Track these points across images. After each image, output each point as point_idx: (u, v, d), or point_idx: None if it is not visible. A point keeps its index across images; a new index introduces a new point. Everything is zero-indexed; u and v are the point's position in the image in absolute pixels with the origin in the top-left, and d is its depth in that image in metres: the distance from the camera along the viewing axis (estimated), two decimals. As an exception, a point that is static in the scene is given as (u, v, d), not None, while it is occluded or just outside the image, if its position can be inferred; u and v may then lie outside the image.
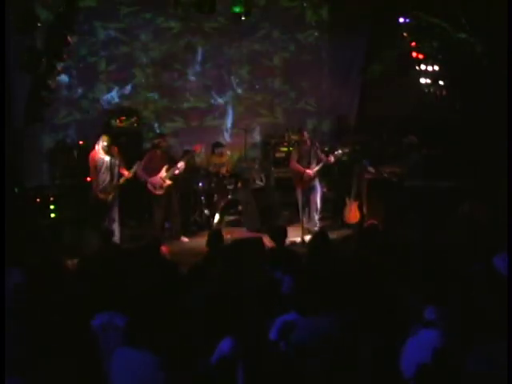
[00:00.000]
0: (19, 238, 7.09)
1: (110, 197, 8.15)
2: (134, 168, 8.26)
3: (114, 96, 10.15)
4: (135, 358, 3.41)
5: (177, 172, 8.58)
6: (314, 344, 3.63)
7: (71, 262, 6.06)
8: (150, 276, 5.03)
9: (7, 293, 4.16)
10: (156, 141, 8.78)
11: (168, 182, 8.53)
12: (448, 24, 8.22)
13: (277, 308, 4.19)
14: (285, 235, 6.10)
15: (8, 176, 7.58)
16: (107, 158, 8.09)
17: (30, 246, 7.20)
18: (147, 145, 10.03)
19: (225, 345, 3.57)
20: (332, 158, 8.78)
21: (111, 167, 8.11)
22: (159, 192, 8.52)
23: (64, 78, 9.42)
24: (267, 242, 6.12)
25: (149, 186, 8.52)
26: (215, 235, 6.02)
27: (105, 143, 8.04)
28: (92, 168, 8.12)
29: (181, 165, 8.58)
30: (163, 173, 8.50)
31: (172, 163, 8.61)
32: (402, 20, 8.96)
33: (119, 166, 8.21)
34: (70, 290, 4.68)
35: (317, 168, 8.75)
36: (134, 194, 8.75)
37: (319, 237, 6.09)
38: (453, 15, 8.13)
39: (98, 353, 3.86)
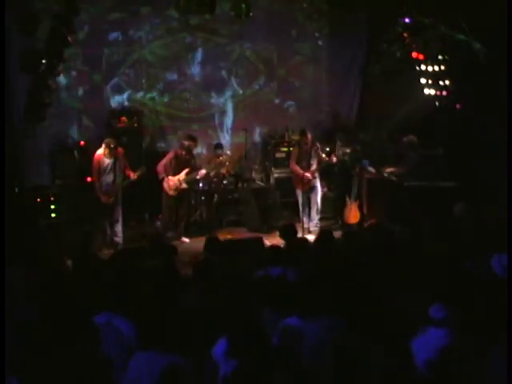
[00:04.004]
0: (19, 237, 7.08)
1: (112, 199, 8.13)
2: (140, 171, 8.22)
3: (124, 98, 10.14)
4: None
5: (198, 177, 8.59)
6: (316, 347, 3.63)
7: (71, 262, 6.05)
8: (151, 276, 5.04)
9: (7, 292, 4.17)
10: (187, 143, 8.64)
11: (184, 185, 8.50)
12: (445, 25, 8.22)
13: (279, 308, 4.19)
14: (295, 233, 6.13)
15: (8, 176, 7.58)
16: (111, 160, 8.06)
17: (30, 245, 7.19)
18: (147, 145, 10.08)
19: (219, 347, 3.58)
20: (334, 158, 8.80)
21: (115, 169, 8.07)
22: (172, 193, 8.49)
23: (63, 78, 9.43)
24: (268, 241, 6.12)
25: (165, 184, 8.48)
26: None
27: (110, 145, 7.99)
28: (95, 170, 8.10)
29: (202, 173, 8.57)
30: (183, 175, 8.47)
31: (193, 166, 8.56)
32: (401, 20, 8.95)
33: (124, 168, 8.18)
34: (69, 289, 4.68)
35: (315, 167, 8.77)
36: (135, 194, 8.74)
37: (324, 237, 6.09)
38: (451, 17, 8.12)
39: (97, 353, 3.86)
